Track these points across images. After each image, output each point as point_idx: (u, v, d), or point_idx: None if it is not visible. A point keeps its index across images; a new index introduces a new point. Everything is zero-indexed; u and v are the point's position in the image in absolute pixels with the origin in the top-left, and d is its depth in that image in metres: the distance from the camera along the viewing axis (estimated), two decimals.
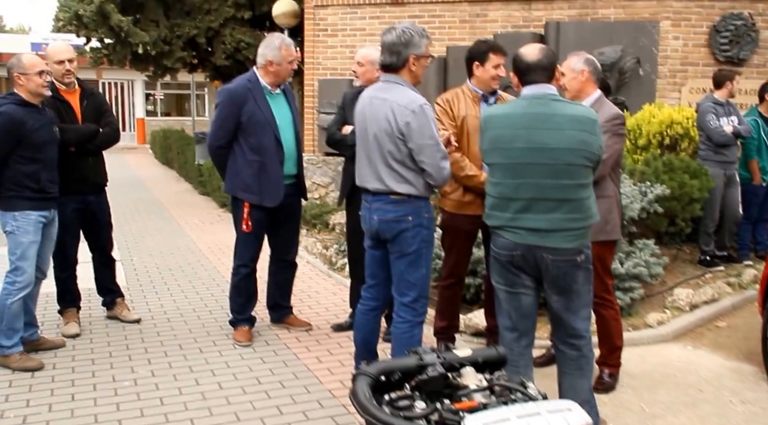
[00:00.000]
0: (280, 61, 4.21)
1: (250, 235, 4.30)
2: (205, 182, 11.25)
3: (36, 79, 3.85)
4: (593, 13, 7.67)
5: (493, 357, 1.90)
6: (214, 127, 4.23)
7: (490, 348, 1.93)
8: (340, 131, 4.49)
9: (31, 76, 3.83)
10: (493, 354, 1.91)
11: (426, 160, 3.16)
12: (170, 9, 12.30)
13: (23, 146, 3.79)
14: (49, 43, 17.93)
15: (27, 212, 3.85)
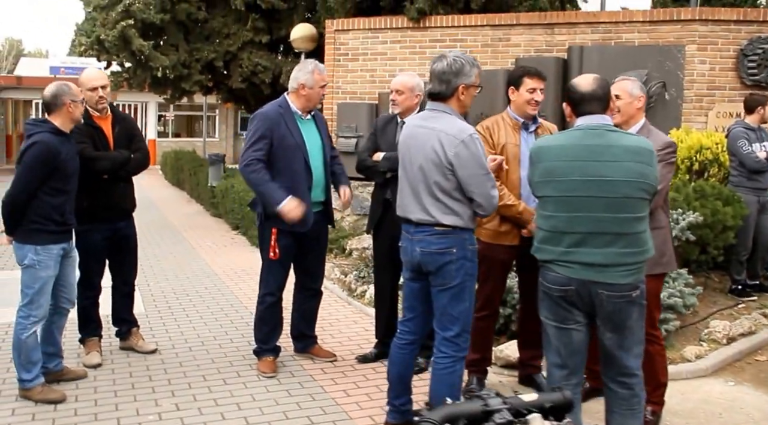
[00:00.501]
0: (313, 85, 4.15)
1: (277, 263, 4.18)
2: (217, 204, 11.17)
3: (80, 106, 3.83)
4: (617, 37, 7.59)
5: (560, 401, 1.83)
6: (250, 141, 4.08)
7: (555, 392, 1.84)
8: (371, 157, 4.40)
9: (78, 103, 3.80)
10: (559, 399, 1.83)
11: (476, 190, 3.07)
12: (190, 33, 12.34)
13: (55, 177, 3.69)
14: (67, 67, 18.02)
15: (49, 246, 3.74)
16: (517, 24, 7.87)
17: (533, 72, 3.89)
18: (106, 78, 4.43)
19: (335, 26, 8.49)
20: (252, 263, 7.67)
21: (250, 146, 4.05)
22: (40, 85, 23.16)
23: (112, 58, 12.60)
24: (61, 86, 3.76)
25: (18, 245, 3.72)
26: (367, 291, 5.99)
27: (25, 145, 3.66)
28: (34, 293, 3.71)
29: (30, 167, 3.62)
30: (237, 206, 9.43)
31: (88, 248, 4.31)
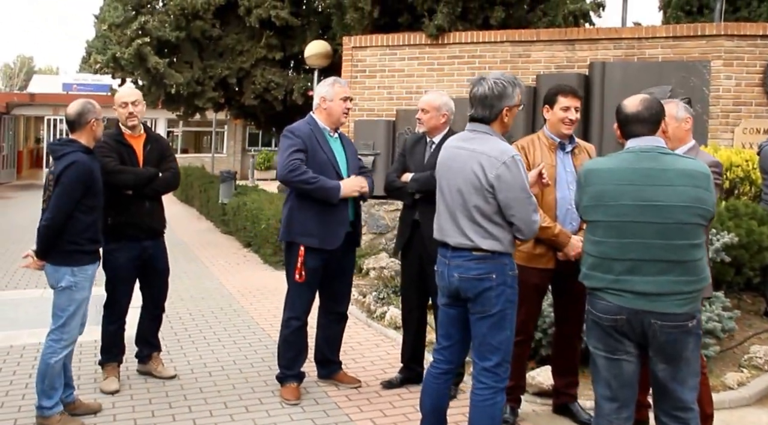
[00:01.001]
0: (333, 97, 4.06)
1: (304, 286, 4.03)
2: (228, 221, 11.06)
3: (101, 124, 3.77)
4: (640, 53, 7.47)
5: None
6: (286, 152, 3.93)
7: None
8: (399, 178, 4.27)
9: (100, 121, 3.74)
10: None
11: (517, 214, 2.94)
12: (204, 50, 12.31)
13: (87, 196, 3.61)
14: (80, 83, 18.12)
15: (85, 266, 3.66)
16: (537, 40, 7.77)
17: (567, 90, 3.78)
18: (138, 95, 4.34)
19: (353, 43, 8.40)
20: (266, 282, 7.53)
21: (288, 156, 3.92)
22: (53, 102, 23.30)
23: (127, 76, 12.60)
24: (85, 104, 3.69)
25: (53, 267, 3.61)
26: (387, 313, 5.83)
27: (60, 166, 3.55)
28: (69, 316, 3.62)
29: (70, 188, 3.54)
30: (249, 224, 9.31)
31: (114, 269, 4.20)
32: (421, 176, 4.11)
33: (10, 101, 22.71)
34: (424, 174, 4.10)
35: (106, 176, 3.99)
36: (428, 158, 4.21)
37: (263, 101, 12.40)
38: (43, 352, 3.60)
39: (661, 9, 14.50)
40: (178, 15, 11.81)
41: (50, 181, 3.61)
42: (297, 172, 3.88)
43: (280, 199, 9.24)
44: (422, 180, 4.09)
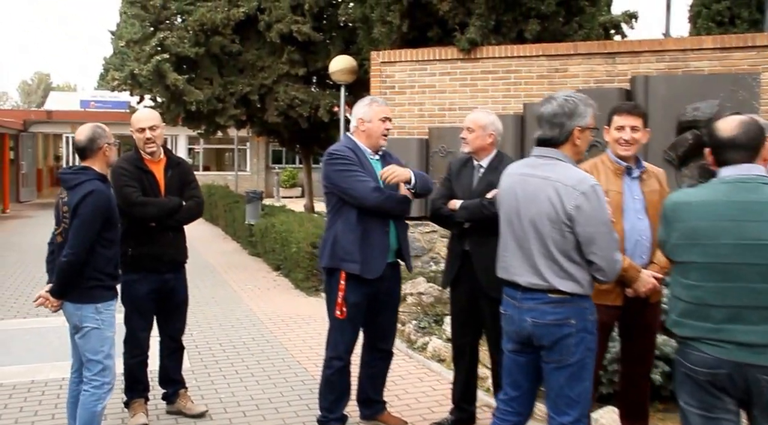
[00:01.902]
0: (371, 118, 3.80)
1: (346, 322, 3.73)
2: (255, 243, 10.80)
3: (114, 149, 3.52)
4: (684, 66, 7.13)
5: None
6: (347, 171, 3.65)
7: None
8: (446, 205, 3.97)
9: (113, 145, 3.49)
10: None
11: (598, 251, 2.63)
12: (224, 66, 12.12)
13: (107, 227, 3.37)
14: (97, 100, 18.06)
15: (109, 302, 3.42)
16: (575, 54, 7.45)
17: (622, 108, 3.50)
18: (156, 119, 4.07)
19: (381, 58, 8.14)
20: (298, 309, 7.25)
21: (351, 176, 3.64)
22: (71, 119, 23.30)
23: (145, 93, 12.44)
24: (95, 129, 3.44)
25: (74, 306, 3.35)
26: (430, 344, 5.52)
27: (76, 196, 3.29)
28: (105, 357, 3.38)
29: (90, 220, 3.28)
30: (278, 247, 9.04)
31: (133, 301, 3.98)
32: (471, 204, 3.82)
33: (28, 119, 22.70)
34: (474, 202, 3.81)
35: (128, 208, 3.79)
36: (477, 183, 3.92)
37: (287, 118, 12.17)
38: (86, 401, 3.34)
39: (691, 20, 14.16)
40: (197, 30, 11.64)
41: (65, 212, 3.34)
42: (387, 196, 3.65)
43: (310, 220, 8.99)
44: (472, 208, 3.80)
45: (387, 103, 3.97)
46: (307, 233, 8.02)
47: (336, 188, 3.70)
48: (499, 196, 2.96)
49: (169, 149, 4.23)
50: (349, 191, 3.64)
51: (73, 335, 3.44)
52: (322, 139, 15.33)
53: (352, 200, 3.64)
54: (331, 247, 3.72)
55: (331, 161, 3.74)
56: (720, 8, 14.76)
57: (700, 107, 6.83)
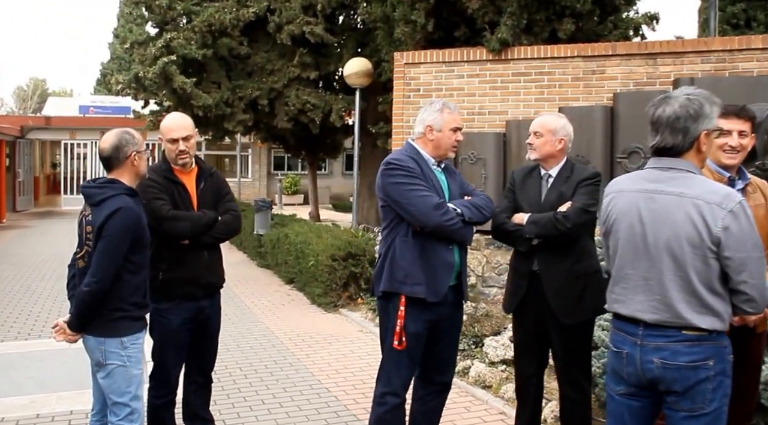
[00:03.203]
0: (442, 127, 3.30)
1: (404, 354, 3.22)
2: (264, 254, 10.29)
3: (144, 157, 3.06)
4: (731, 67, 6.68)
5: None
6: (411, 187, 3.14)
7: None
8: (510, 219, 3.49)
9: (143, 153, 3.02)
10: None
11: (749, 279, 2.18)
12: (232, 70, 11.65)
13: (136, 250, 2.90)
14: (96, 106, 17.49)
15: (136, 335, 2.94)
16: (613, 54, 7.00)
17: (729, 110, 3.03)
18: (190, 128, 3.52)
19: (405, 59, 7.68)
20: (318, 327, 6.75)
21: (412, 190, 3.13)
22: (69, 125, 22.78)
23: (150, 97, 11.95)
24: (123, 135, 2.97)
25: (97, 340, 2.88)
26: (472, 368, 5.04)
27: (102, 214, 2.83)
28: (132, 399, 2.91)
29: (118, 243, 2.82)
30: (292, 259, 8.53)
31: (165, 333, 3.44)
32: (541, 218, 3.35)
33: (25, 125, 22.07)
34: (545, 216, 3.34)
35: (158, 223, 3.28)
36: (545, 194, 3.46)
37: (297, 124, 11.70)
38: None
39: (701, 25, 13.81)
40: (204, 32, 11.17)
41: (88, 233, 2.88)
42: (453, 221, 3.14)
43: (328, 231, 8.48)
44: (543, 223, 3.33)
45: (458, 109, 3.47)
46: (326, 246, 7.53)
47: (393, 202, 3.20)
48: (608, 217, 2.48)
49: (200, 157, 3.73)
50: (408, 207, 3.15)
51: (95, 373, 2.95)
52: (329, 145, 14.89)
53: (410, 218, 3.16)
54: (389, 269, 3.22)
55: (389, 171, 3.23)
56: (735, 10, 14.43)
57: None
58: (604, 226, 2.49)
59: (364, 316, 7.03)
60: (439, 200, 3.16)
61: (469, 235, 3.27)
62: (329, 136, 13.82)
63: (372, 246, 7.68)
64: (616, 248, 2.42)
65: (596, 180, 3.40)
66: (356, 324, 6.85)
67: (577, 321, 3.35)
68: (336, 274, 7.37)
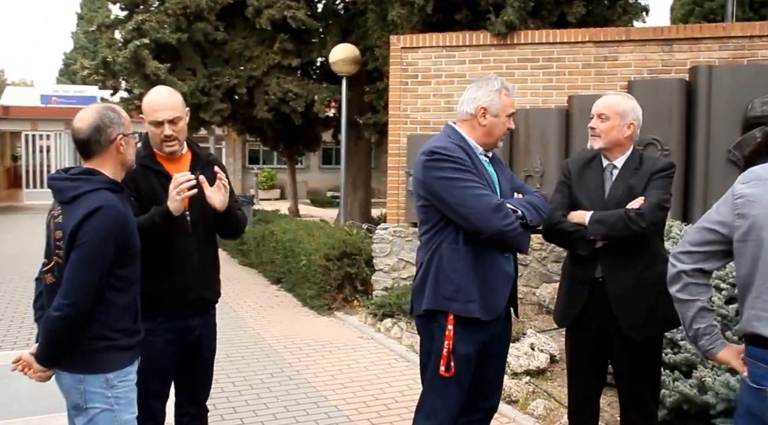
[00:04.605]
0: (498, 111, 2.75)
1: (452, 381, 2.71)
2: (247, 252, 9.69)
3: (133, 142, 2.42)
4: (751, 54, 6.32)
5: None
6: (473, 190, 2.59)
7: None
8: (566, 217, 3.00)
9: (131, 137, 2.38)
10: None
11: None
12: (207, 56, 10.97)
13: (122, 261, 2.25)
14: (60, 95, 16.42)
15: (126, 369, 2.30)
16: (626, 40, 6.58)
17: None
18: (178, 108, 2.80)
19: (402, 43, 7.15)
20: (314, 332, 6.21)
21: (465, 187, 2.59)
22: (30, 115, 21.66)
23: (119, 84, 11.21)
24: (106, 113, 2.31)
25: (73, 378, 2.23)
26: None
27: (76, 216, 2.18)
28: None
29: (98, 252, 2.17)
30: (280, 258, 7.96)
31: (148, 359, 2.66)
32: (609, 217, 2.86)
33: None
34: (614, 214, 2.85)
35: None
36: (610, 188, 2.97)
37: (278, 114, 11.08)
38: None
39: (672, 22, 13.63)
40: (178, 15, 10.48)
41: (58, 239, 2.22)
42: (513, 226, 2.61)
43: (319, 228, 7.92)
44: (612, 222, 2.84)
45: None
46: (319, 244, 6.99)
47: (440, 201, 2.65)
48: (745, 217, 2.01)
49: (194, 141, 3.06)
50: (460, 209, 2.59)
51: (72, 417, 2.31)
52: (308, 137, 14.29)
53: (463, 222, 2.61)
54: (434, 282, 2.68)
55: (433, 162, 2.66)
56: (713, 6, 14.28)
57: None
58: (738, 229, 2.02)
59: (363, 320, 6.51)
60: (498, 200, 2.63)
61: (527, 241, 2.75)
62: (309, 128, 13.22)
63: (368, 245, 7.16)
64: (758, 254, 1.94)
65: (671, 171, 2.93)
66: (355, 329, 6.33)
67: (646, 336, 2.89)
68: (330, 275, 6.83)
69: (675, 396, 3.46)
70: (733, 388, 3.18)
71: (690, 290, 2.09)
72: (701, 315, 2.07)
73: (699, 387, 3.38)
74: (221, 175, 2.87)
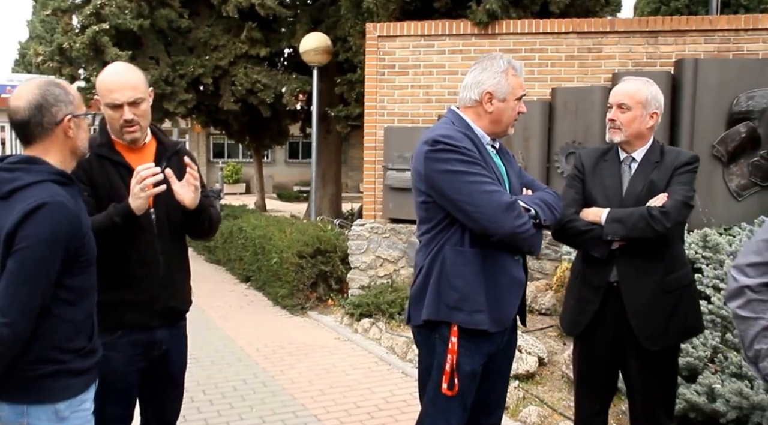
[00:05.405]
0: (506, 95, 2.44)
1: (455, 399, 2.43)
2: (214, 249, 9.30)
3: (85, 125, 2.03)
4: (736, 48, 6.20)
5: None
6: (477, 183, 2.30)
7: None
8: (579, 214, 2.75)
9: (83, 119, 2.00)
10: None
11: None
12: (171, 44, 10.50)
13: (71, 268, 1.87)
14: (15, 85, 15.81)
15: (81, 397, 1.93)
16: (611, 31, 6.40)
17: None
18: (140, 88, 2.40)
19: (379, 31, 6.86)
20: (288, 335, 5.90)
21: (474, 182, 2.30)
22: None
23: (77, 72, 10.67)
24: (50, 89, 1.92)
25: (14, 410, 1.84)
26: None
27: (16, 213, 1.79)
28: None
29: (42, 258, 1.79)
30: (249, 255, 7.61)
31: (106, 379, 2.23)
32: (629, 216, 2.60)
33: None
34: (635, 212, 2.60)
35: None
36: (628, 184, 2.74)
37: (245, 105, 10.68)
38: None
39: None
40: (140, 0, 10.01)
41: None
42: (525, 227, 2.32)
43: (292, 224, 7.59)
44: (633, 222, 2.58)
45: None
46: (291, 241, 6.66)
47: (444, 198, 2.35)
48: None
49: (158, 127, 2.68)
50: (468, 208, 2.29)
51: None
52: (275, 130, 13.89)
53: (471, 223, 2.31)
54: (436, 289, 2.38)
55: (437, 153, 2.36)
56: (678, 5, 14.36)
57: (754, 96, 5.94)
58: None
59: (339, 320, 6.22)
60: (510, 197, 2.34)
61: (539, 242, 2.46)
62: (276, 120, 12.84)
63: (343, 241, 6.86)
64: None
65: (696, 165, 2.71)
66: (331, 330, 6.03)
67: (663, 347, 2.66)
68: (303, 273, 6.52)
69: (681, 404, 3.26)
70: (746, 396, 2.99)
71: (753, 307, 1.85)
72: (764, 335, 1.82)
73: (707, 395, 3.19)
74: (192, 167, 2.52)
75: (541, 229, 2.45)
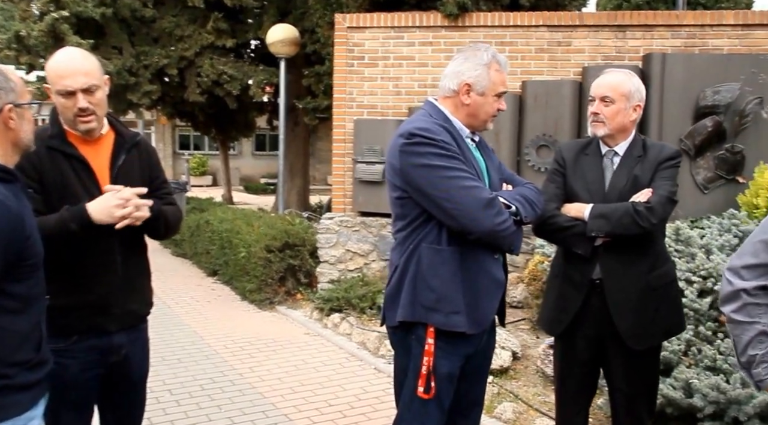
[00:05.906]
0: (485, 90, 2.36)
1: (432, 402, 2.35)
2: (180, 242, 9.11)
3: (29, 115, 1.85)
4: (702, 43, 6.26)
5: None
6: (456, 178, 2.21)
7: None
8: (559, 209, 2.70)
9: (27, 109, 1.82)
10: None
11: None
12: (135, 34, 10.23)
13: (13, 273, 1.70)
14: None
15: (27, 415, 1.76)
16: (580, 25, 6.41)
17: None
18: (96, 73, 2.26)
19: (348, 22, 6.76)
20: (255, 330, 5.80)
21: (453, 177, 2.21)
22: None
23: (36, 61, 10.31)
24: None
25: None
26: None
27: None
28: None
29: None
30: (216, 249, 7.47)
31: (59, 386, 2.10)
32: (614, 211, 2.55)
33: None
34: (620, 208, 2.55)
35: None
36: (611, 178, 2.69)
37: (211, 97, 10.48)
38: None
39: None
40: None
41: None
42: (505, 225, 2.24)
43: (259, 218, 7.46)
44: (617, 217, 2.53)
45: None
46: (259, 235, 6.55)
47: (420, 194, 2.26)
48: None
49: (116, 118, 2.52)
50: (446, 204, 2.21)
51: None
52: (241, 123, 13.70)
53: (449, 220, 2.23)
54: (411, 290, 2.30)
55: (413, 146, 2.26)
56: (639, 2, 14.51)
57: (720, 91, 6.02)
58: None
59: (308, 315, 6.14)
60: (490, 193, 2.26)
61: (519, 240, 2.39)
62: (243, 112, 12.65)
63: (312, 235, 6.77)
64: None
65: (679, 160, 2.68)
66: (300, 325, 5.95)
67: (647, 346, 2.63)
68: (272, 267, 6.41)
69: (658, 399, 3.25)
70: (723, 391, 3.00)
71: (749, 311, 1.80)
72: (760, 340, 1.78)
73: (684, 389, 3.19)
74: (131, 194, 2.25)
75: (522, 226, 2.40)
